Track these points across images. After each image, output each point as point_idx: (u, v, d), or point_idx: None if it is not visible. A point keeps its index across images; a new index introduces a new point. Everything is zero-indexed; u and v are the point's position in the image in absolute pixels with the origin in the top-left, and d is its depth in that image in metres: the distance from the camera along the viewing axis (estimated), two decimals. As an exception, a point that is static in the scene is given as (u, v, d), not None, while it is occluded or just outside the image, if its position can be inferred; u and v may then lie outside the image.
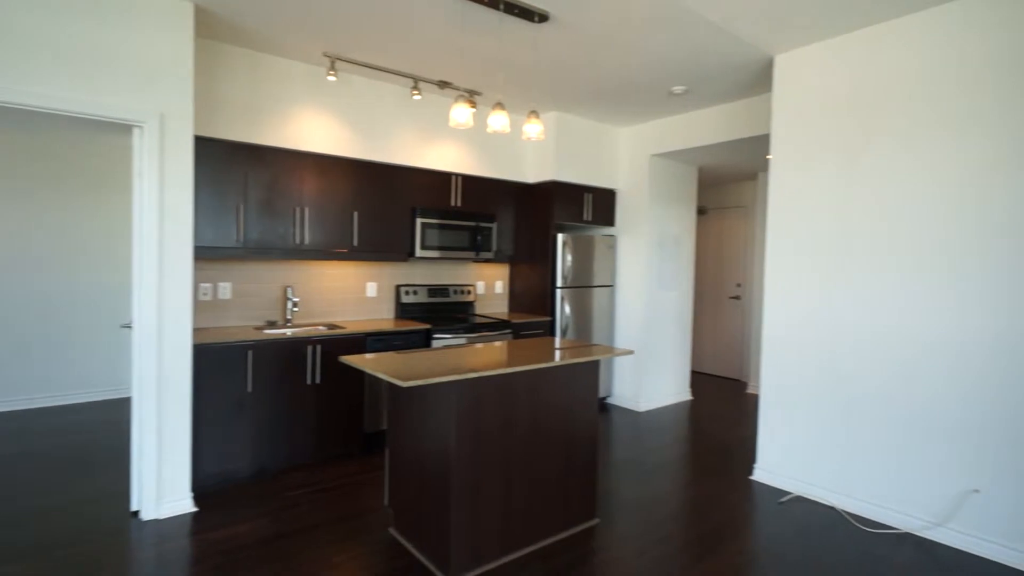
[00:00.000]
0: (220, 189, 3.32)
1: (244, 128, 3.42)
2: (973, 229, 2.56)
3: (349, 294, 4.16)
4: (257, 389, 3.21)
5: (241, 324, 3.67)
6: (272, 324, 3.72)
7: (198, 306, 3.49)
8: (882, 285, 2.86)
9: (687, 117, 4.54)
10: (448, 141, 4.36)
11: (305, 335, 3.40)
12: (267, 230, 3.49)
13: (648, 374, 4.96)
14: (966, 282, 2.58)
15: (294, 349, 3.35)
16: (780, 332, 3.30)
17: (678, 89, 3.94)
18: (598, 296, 4.98)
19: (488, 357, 2.54)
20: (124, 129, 4.43)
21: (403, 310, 4.36)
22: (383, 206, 4.01)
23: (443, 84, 3.99)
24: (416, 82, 3.91)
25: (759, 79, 3.70)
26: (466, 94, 4.21)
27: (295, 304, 3.81)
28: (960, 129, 2.60)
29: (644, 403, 4.93)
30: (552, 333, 4.68)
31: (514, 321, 4.42)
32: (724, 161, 5.13)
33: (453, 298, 4.64)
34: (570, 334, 4.76)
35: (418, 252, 4.12)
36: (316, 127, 3.71)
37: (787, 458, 3.25)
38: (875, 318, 2.88)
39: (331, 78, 3.48)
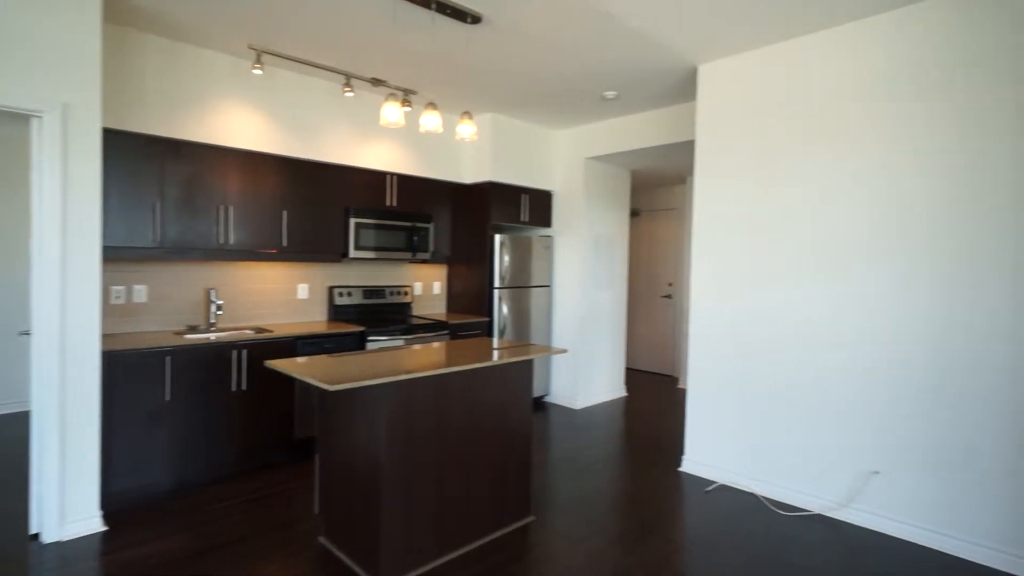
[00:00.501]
0: (134, 185, 3.11)
1: (162, 121, 3.22)
2: (879, 232, 2.79)
3: (278, 296, 4.00)
4: (176, 398, 3.03)
5: (159, 329, 3.45)
6: (194, 328, 3.52)
7: (109, 310, 3.25)
8: (796, 285, 3.06)
9: (620, 121, 4.68)
10: (383, 140, 4.29)
11: (230, 339, 3.24)
12: (188, 229, 3.31)
13: (584, 372, 5.07)
14: (873, 281, 2.81)
15: (218, 354, 3.18)
16: (705, 330, 3.46)
17: (610, 94, 4.06)
18: (536, 296, 5.04)
19: (422, 358, 2.52)
20: (22, 119, 4.06)
21: (337, 312, 4.24)
22: (314, 205, 3.89)
23: (376, 82, 3.92)
24: (348, 79, 3.81)
25: (686, 87, 3.87)
26: (400, 93, 4.16)
27: (219, 307, 3.62)
28: (868, 137, 2.82)
29: (581, 401, 5.03)
30: (490, 333, 4.70)
31: (452, 322, 4.40)
32: (656, 165, 5.32)
33: (390, 299, 4.56)
34: (508, 334, 4.80)
35: (352, 253, 4.02)
36: (241, 122, 3.54)
37: (712, 449, 3.42)
38: (790, 315, 3.08)
39: (257, 71, 3.33)
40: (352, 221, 4.02)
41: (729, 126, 3.35)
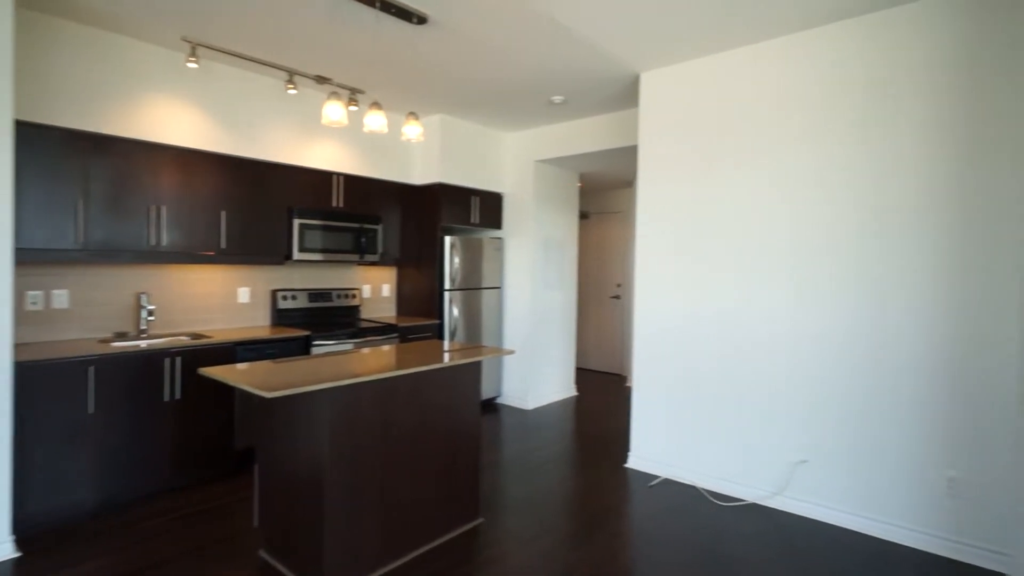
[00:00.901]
0: (53, 183, 2.90)
1: (86, 115, 3.03)
2: (807, 235, 2.95)
3: (217, 300, 3.84)
4: (102, 410, 2.85)
5: (83, 337, 3.23)
6: (122, 336, 3.32)
7: (24, 317, 3.02)
8: (733, 286, 3.20)
9: (568, 126, 4.76)
10: (329, 139, 4.18)
11: (163, 347, 3.08)
12: (116, 230, 3.12)
13: (535, 373, 5.11)
14: (803, 282, 2.96)
15: (149, 363, 3.01)
16: (648, 330, 3.56)
17: (557, 99, 4.11)
18: (487, 298, 5.04)
19: (368, 362, 2.47)
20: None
21: (281, 316, 4.11)
22: (256, 206, 3.75)
23: (321, 79, 3.83)
24: (291, 76, 3.70)
25: (630, 94, 3.98)
26: (345, 91, 4.07)
27: (150, 312, 3.44)
28: (795, 144, 2.98)
29: (532, 401, 5.07)
30: (441, 336, 4.67)
31: (401, 325, 4.34)
32: (603, 169, 5.44)
33: (337, 302, 4.45)
34: (459, 336, 4.78)
35: (296, 255, 3.91)
36: (176, 118, 3.38)
37: (656, 445, 3.52)
38: (727, 315, 3.21)
39: (192, 65, 3.19)
40: (296, 222, 3.91)
41: (669, 132, 3.46)
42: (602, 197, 6.95)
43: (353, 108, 3.63)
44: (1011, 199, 2.40)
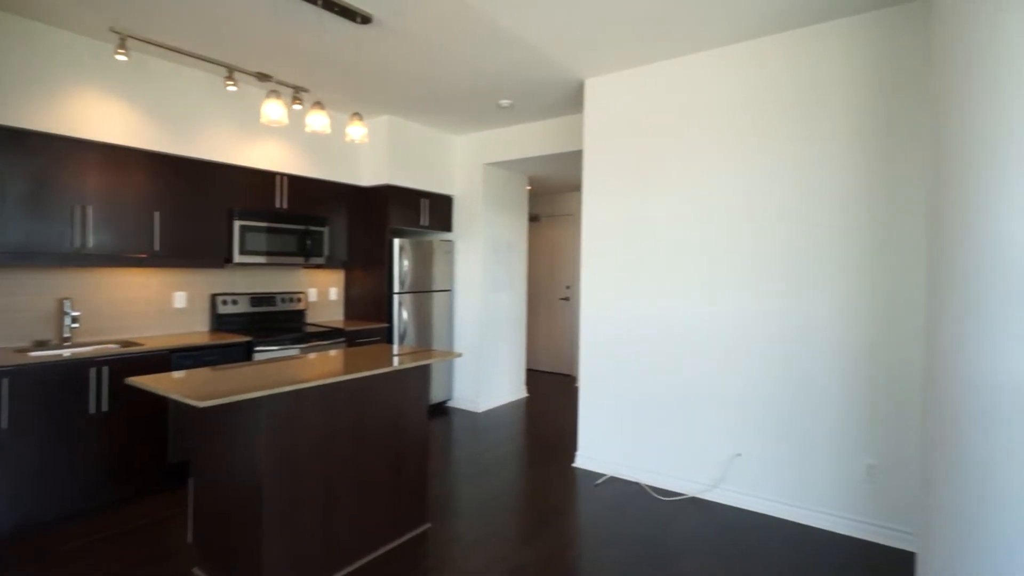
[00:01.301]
0: (-39, 181, 2.69)
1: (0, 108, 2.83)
2: (738, 238, 3.09)
3: (151, 306, 3.66)
4: (17, 425, 2.66)
5: (-3, 346, 3.02)
6: (43, 344, 3.11)
7: (-71, 326, 2.79)
8: (672, 289, 3.32)
9: (516, 129, 4.80)
10: (272, 138, 4.06)
11: (88, 356, 2.91)
12: (35, 231, 2.92)
13: (486, 375, 5.13)
14: (736, 283, 3.10)
15: (72, 373, 2.84)
16: (594, 331, 3.65)
17: (505, 102, 4.15)
18: (437, 300, 5.02)
19: (312, 368, 2.42)
20: None
21: (220, 322, 3.96)
22: (193, 206, 3.60)
23: (263, 77, 3.71)
24: (231, 72, 3.57)
25: (576, 99, 4.06)
26: (288, 89, 3.97)
27: (74, 319, 3.24)
28: (728, 151, 3.12)
29: (483, 404, 5.09)
30: (390, 340, 4.61)
31: (349, 329, 4.26)
32: (552, 172, 5.52)
33: (281, 307, 4.33)
34: (409, 339, 4.73)
35: (237, 258, 3.77)
36: (104, 113, 3.20)
37: (602, 444, 3.60)
38: (668, 316, 3.33)
39: (121, 58, 3.03)
40: (237, 224, 3.77)
41: (612, 138, 3.56)
42: (552, 200, 7.04)
43: (297, 107, 3.55)
44: (915, 205, 2.60)
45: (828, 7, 2.69)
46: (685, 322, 3.27)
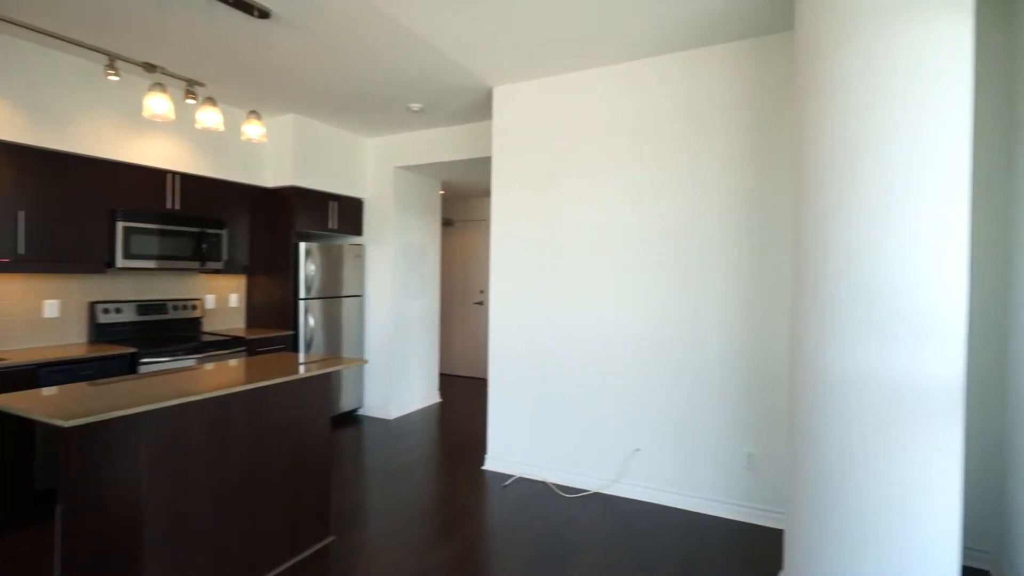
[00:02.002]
0: None
1: None
2: (637, 244, 3.28)
3: (15, 316, 3.28)
4: None
5: None
6: None
7: None
8: (575, 293, 3.46)
9: (428, 133, 4.80)
10: (164, 134, 3.78)
11: (-69, 372, 2.57)
12: None
13: (398, 382, 5.06)
14: (637, 286, 3.29)
15: (-90, 392, 2.49)
16: (502, 334, 3.72)
17: (415, 106, 4.14)
18: (347, 306, 4.89)
19: (204, 379, 2.29)
20: None
21: (101, 332, 3.62)
22: (66, 206, 3.28)
23: (150, 67, 3.45)
24: (112, 60, 3.29)
25: (486, 106, 4.12)
26: (181, 82, 3.72)
27: (-85, 331, 2.84)
28: (629, 162, 3.31)
29: (395, 410, 5.01)
30: (295, 347, 4.43)
31: (250, 337, 4.05)
32: (465, 177, 5.56)
33: (173, 315, 4.03)
34: (317, 347, 4.57)
35: (120, 262, 3.48)
36: (-50, 99, 2.84)
37: (510, 445, 3.68)
38: (572, 318, 3.47)
39: (-26, 39, 2.71)
40: (120, 225, 3.48)
41: (520, 145, 3.66)
42: (466, 205, 7.09)
43: (191, 101, 3.33)
44: (785, 218, 2.90)
45: (709, 32, 2.93)
46: (588, 325, 3.42)
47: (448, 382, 6.57)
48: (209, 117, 2.52)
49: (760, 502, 2.96)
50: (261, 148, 4.50)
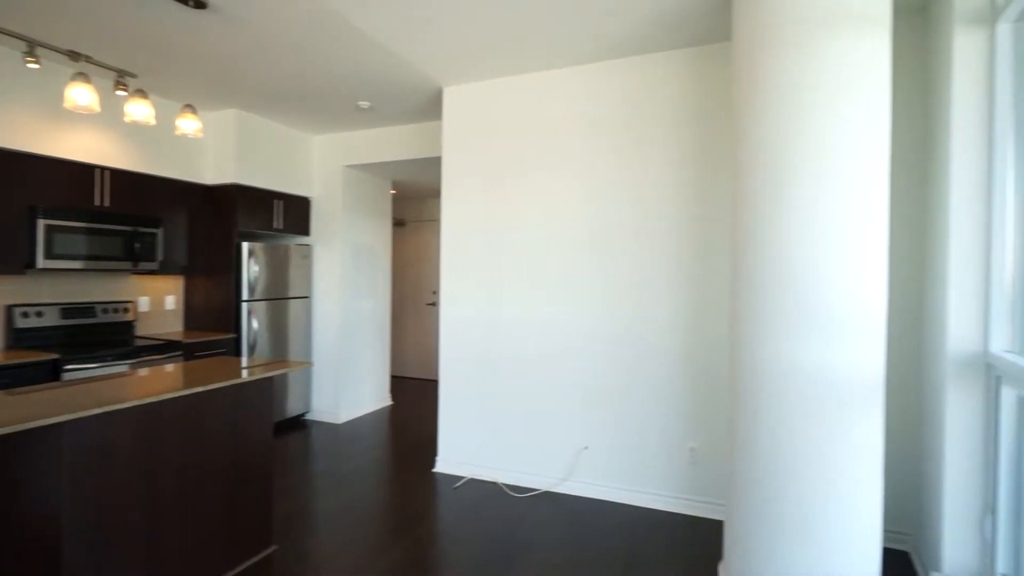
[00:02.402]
0: None
1: None
2: (587, 246, 3.33)
3: (-83, 320, 3.01)
4: None
5: None
6: None
7: None
8: (524, 293, 3.48)
9: (377, 132, 4.72)
10: (92, 127, 3.56)
11: None
12: None
13: (347, 385, 4.95)
14: (587, 288, 3.34)
15: None
16: (452, 334, 3.71)
17: (364, 104, 4.06)
18: (294, 308, 4.75)
19: (134, 386, 2.16)
20: None
21: (20, 337, 3.38)
22: (-22, 201, 3.04)
23: (75, 56, 3.23)
24: (32, 47, 3.07)
25: (436, 105, 4.09)
26: (104, 72, 3.52)
27: None
28: (579, 164, 3.36)
29: (344, 414, 4.90)
30: (238, 351, 4.26)
31: (188, 341, 3.87)
32: (416, 177, 5.50)
33: (102, 318, 3.80)
34: (262, 350, 4.42)
35: (41, 262, 3.26)
36: None
37: (461, 447, 3.66)
38: (523, 319, 3.49)
39: None
40: (42, 223, 3.26)
41: (471, 145, 3.65)
42: (419, 205, 7.02)
43: (122, 93, 3.15)
44: (724, 221, 3.01)
45: (653, 40, 3.01)
46: (538, 326, 3.44)
47: (400, 384, 6.47)
48: (138, 110, 2.40)
49: (703, 495, 3.06)
50: (201, 144, 4.30)
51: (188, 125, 2.56)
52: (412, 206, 7.04)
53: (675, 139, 3.11)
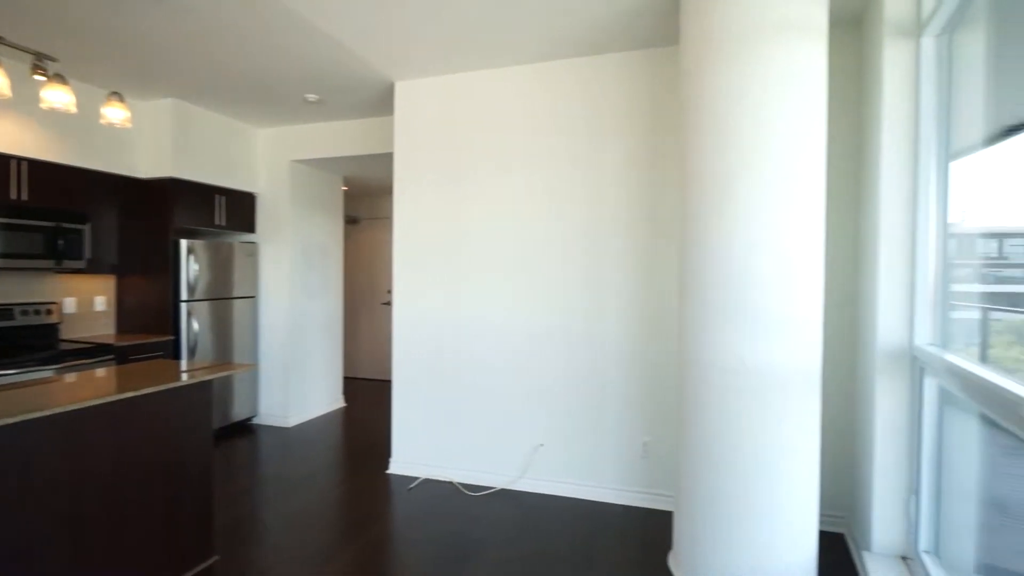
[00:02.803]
0: None
1: None
2: (544, 244, 3.33)
3: None
4: None
5: None
6: None
7: None
8: (480, 292, 3.46)
9: (327, 126, 4.58)
10: (6, 115, 3.29)
11: None
12: None
13: (297, 387, 4.79)
14: (539, 289, 3.34)
15: None
16: (405, 335, 3.65)
17: (312, 97, 3.93)
18: (239, 308, 4.55)
19: (56, 393, 2.01)
20: None
21: (-76, 342, 3.09)
22: None
23: (-13, 37, 2.99)
24: (-65, 25, 2.81)
25: (388, 100, 4.00)
26: (19, 55, 3.26)
27: None
28: (533, 162, 3.35)
29: (294, 418, 4.74)
30: (177, 354, 4.05)
31: (121, 344, 3.64)
32: (369, 174, 5.37)
33: (21, 320, 3.52)
34: (204, 353, 4.21)
35: (-51, 260, 2.99)
36: None
37: (415, 448, 3.61)
38: (477, 319, 3.46)
39: None
40: (-51, 218, 2.99)
41: (424, 142, 3.59)
42: (372, 202, 6.87)
43: (40, 78, 2.92)
44: (676, 223, 3.08)
45: (606, 41, 3.04)
46: (493, 325, 3.43)
47: (354, 385, 6.32)
48: (56, 96, 2.23)
49: (655, 487, 3.12)
50: (133, 135, 4.05)
51: (115, 114, 2.40)
52: (365, 203, 6.89)
53: (628, 140, 3.15)
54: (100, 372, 2.50)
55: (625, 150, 3.16)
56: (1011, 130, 1.81)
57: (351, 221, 6.84)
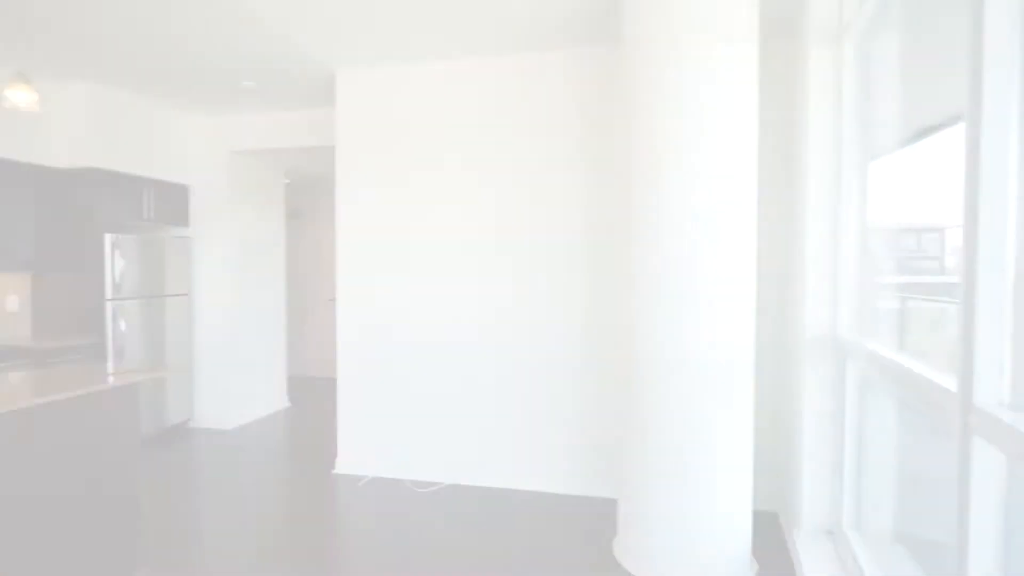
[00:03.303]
0: None
1: None
2: (492, 245, 3.30)
3: None
4: None
5: None
6: None
7: None
8: (425, 290, 3.40)
9: (267, 117, 4.40)
10: None
11: None
12: None
13: (237, 389, 4.60)
14: (491, 284, 3.31)
15: None
16: (350, 333, 3.57)
17: (248, 83, 3.75)
18: (171, 307, 4.32)
19: (-55, 404, 1.84)
20: None
21: None
22: None
23: None
24: None
25: (332, 90, 3.86)
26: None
27: None
28: (484, 156, 3.31)
29: (234, 420, 4.55)
30: (103, 357, 3.80)
31: (37, 347, 3.39)
32: (313, 166, 5.20)
33: (-80, 323, 3.22)
34: (133, 355, 3.97)
35: None
36: None
37: (363, 447, 3.53)
38: (424, 314, 3.41)
39: None
40: None
41: (366, 135, 3.49)
42: (317, 195, 6.64)
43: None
44: (619, 217, 3.12)
45: (551, 35, 3.02)
46: (440, 322, 3.38)
47: (301, 384, 6.12)
48: (-47, 77, 2.02)
49: (602, 476, 3.17)
50: (46, 121, 3.72)
51: (20, 97, 2.21)
52: (310, 196, 6.66)
53: (576, 136, 3.17)
54: (12, 378, 2.31)
55: (573, 145, 3.18)
56: (923, 132, 1.93)
57: (294, 215, 6.60)
